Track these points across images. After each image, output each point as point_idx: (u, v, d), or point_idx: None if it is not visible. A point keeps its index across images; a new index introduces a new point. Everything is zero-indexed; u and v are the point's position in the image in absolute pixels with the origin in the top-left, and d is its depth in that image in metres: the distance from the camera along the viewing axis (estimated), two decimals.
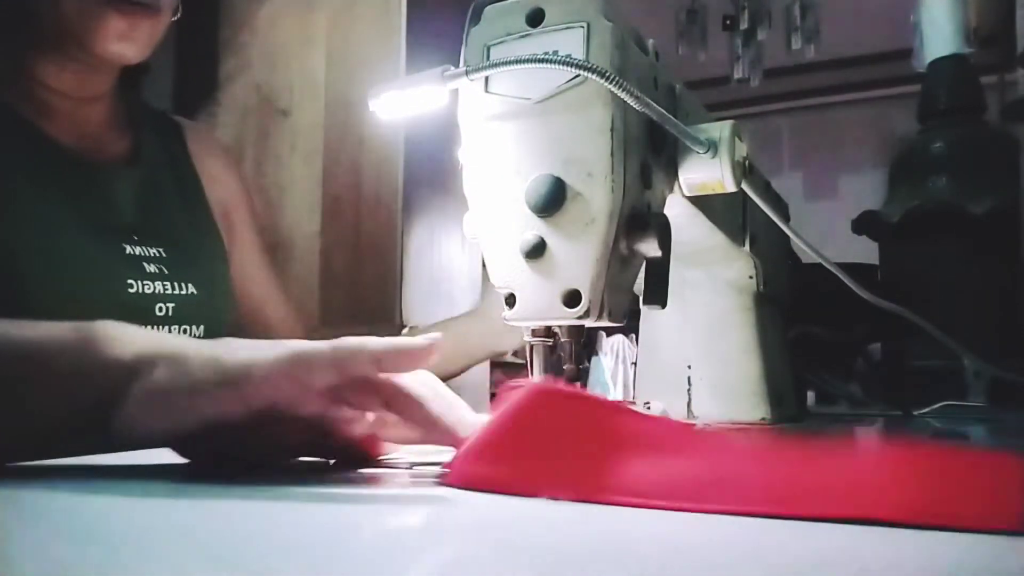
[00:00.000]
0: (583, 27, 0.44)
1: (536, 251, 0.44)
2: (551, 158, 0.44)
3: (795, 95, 3.63)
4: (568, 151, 0.44)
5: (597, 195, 0.43)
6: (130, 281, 0.69)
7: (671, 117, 0.44)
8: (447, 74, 0.45)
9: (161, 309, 0.71)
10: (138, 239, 0.72)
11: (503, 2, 0.46)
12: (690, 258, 0.63)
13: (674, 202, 0.50)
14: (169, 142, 0.84)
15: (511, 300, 0.45)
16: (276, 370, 0.36)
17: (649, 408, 0.65)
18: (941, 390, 0.93)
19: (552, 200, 0.43)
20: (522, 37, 0.45)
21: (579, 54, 0.43)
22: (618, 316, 0.45)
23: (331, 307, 1.16)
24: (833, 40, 2.78)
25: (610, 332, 0.80)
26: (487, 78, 0.46)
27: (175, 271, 0.73)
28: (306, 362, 0.36)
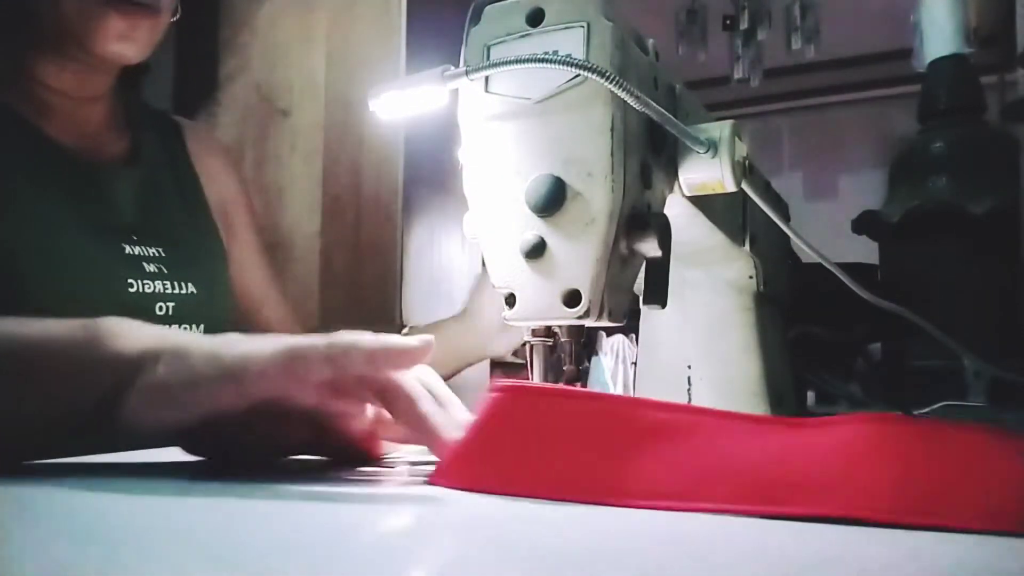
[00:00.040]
0: (583, 27, 0.44)
1: (536, 251, 0.44)
2: (551, 158, 0.44)
3: (795, 95, 3.63)
4: (568, 151, 0.44)
5: (597, 195, 0.43)
6: (130, 281, 0.69)
7: (671, 117, 0.44)
8: (447, 74, 0.45)
9: (161, 308, 0.71)
10: (138, 239, 0.72)
11: (503, 2, 0.46)
12: (690, 258, 0.63)
13: (674, 202, 0.50)
14: (168, 142, 0.84)
15: (511, 300, 0.45)
16: (272, 364, 0.37)
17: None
18: (941, 390, 0.93)
19: (552, 200, 0.43)
20: (522, 37, 0.45)
21: (579, 54, 0.43)
22: (618, 316, 0.45)
23: (331, 307, 1.15)
24: (833, 40, 2.78)
25: (610, 332, 0.80)
26: (487, 78, 0.46)
27: (175, 271, 0.73)
28: (301, 357, 0.37)
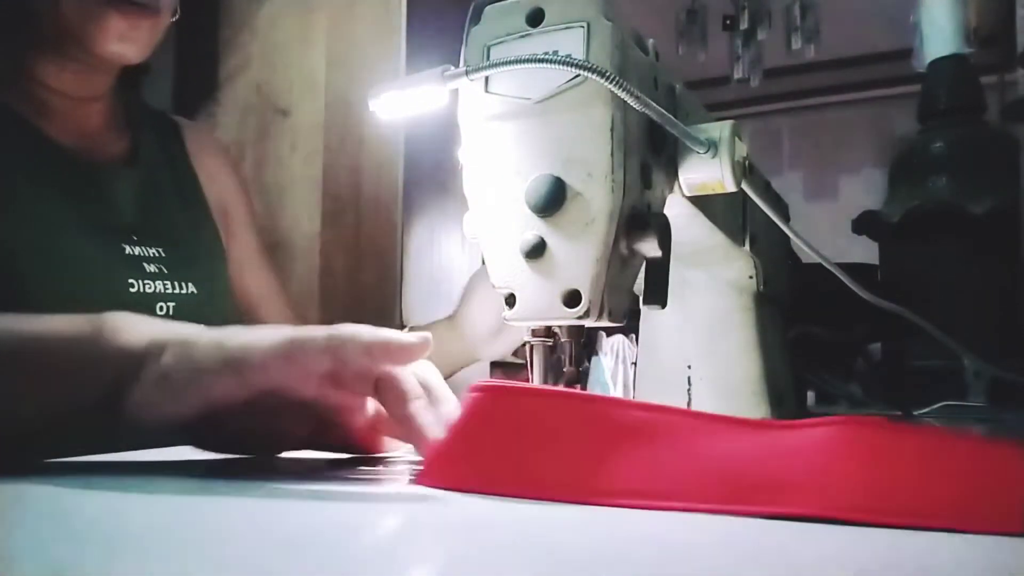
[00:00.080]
0: (583, 27, 0.44)
1: (536, 251, 0.44)
2: (551, 158, 0.44)
3: (795, 95, 3.63)
4: (568, 151, 0.44)
5: (597, 195, 0.43)
6: (131, 281, 0.69)
7: (671, 117, 0.44)
8: (447, 74, 0.45)
9: (162, 308, 0.71)
10: (138, 239, 0.73)
11: (503, 2, 0.46)
12: (690, 258, 0.63)
13: (674, 202, 0.50)
14: (168, 142, 0.84)
15: (511, 300, 0.45)
16: (273, 353, 0.38)
17: None
18: (941, 390, 0.93)
19: (552, 200, 0.43)
20: (522, 37, 0.45)
21: (579, 54, 0.43)
22: (618, 316, 0.45)
23: (331, 307, 1.15)
24: (833, 40, 2.78)
25: (610, 332, 0.80)
26: (487, 78, 0.46)
27: (175, 271, 0.73)
28: (301, 347, 0.38)
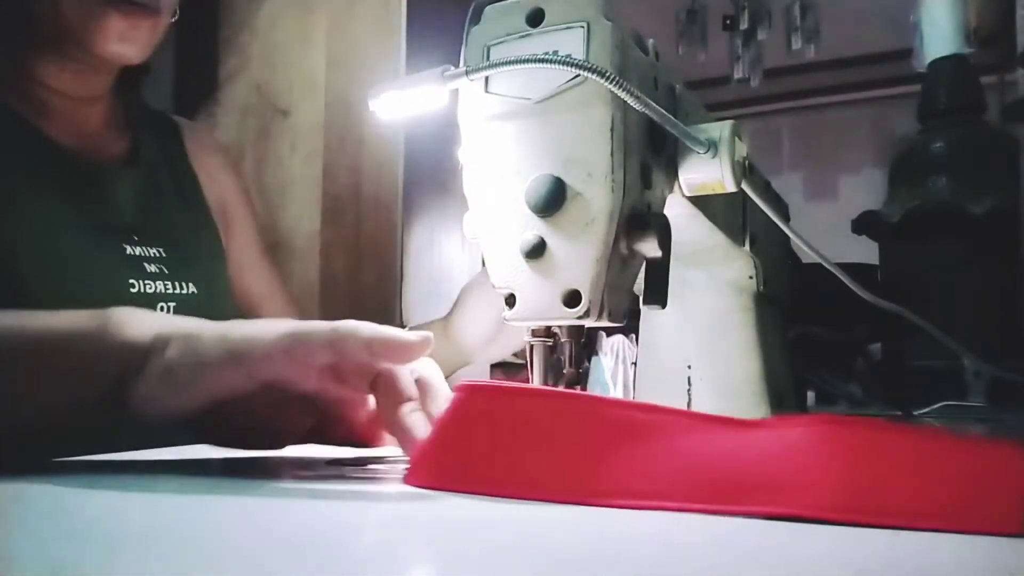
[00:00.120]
0: (583, 27, 0.44)
1: (536, 251, 0.44)
2: (551, 158, 0.44)
3: (795, 95, 3.63)
4: (568, 151, 0.44)
5: (597, 195, 0.43)
6: (131, 281, 0.69)
7: (671, 117, 0.44)
8: (447, 74, 0.45)
9: (162, 308, 0.71)
10: (138, 239, 0.73)
11: (503, 2, 0.46)
12: (690, 258, 0.63)
13: (674, 202, 0.50)
14: (167, 142, 0.84)
15: (511, 300, 0.45)
16: (276, 346, 0.38)
17: None
18: (941, 390, 0.93)
19: (552, 200, 0.43)
20: (522, 37, 0.45)
21: (579, 54, 0.43)
22: (618, 316, 0.45)
23: (331, 307, 1.15)
24: (833, 40, 2.78)
25: (610, 332, 0.80)
26: (487, 78, 0.46)
27: (175, 271, 0.73)
28: (304, 340, 0.39)
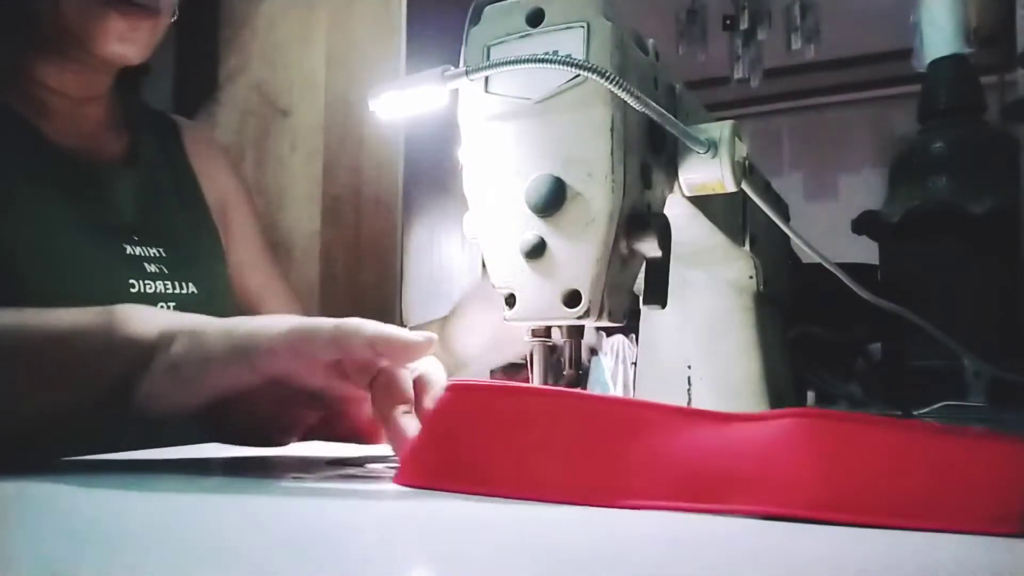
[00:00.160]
0: (583, 27, 0.44)
1: (536, 251, 0.44)
2: (551, 158, 0.44)
3: (795, 95, 3.63)
4: (568, 151, 0.44)
5: (597, 195, 0.43)
6: (131, 281, 0.69)
7: (671, 117, 0.44)
8: (447, 74, 0.45)
9: (162, 308, 0.71)
10: (138, 239, 0.72)
11: (503, 2, 0.46)
12: (690, 258, 0.63)
13: (674, 202, 0.50)
14: (167, 142, 0.83)
15: (511, 300, 0.45)
16: (281, 342, 0.39)
17: None
18: (941, 390, 0.93)
19: (552, 200, 0.43)
20: (522, 37, 0.45)
21: (579, 54, 0.43)
22: (618, 316, 0.45)
23: (331, 307, 1.15)
24: (833, 40, 2.77)
25: (610, 332, 0.80)
26: (487, 78, 0.46)
27: (175, 271, 0.73)
28: (308, 337, 0.39)
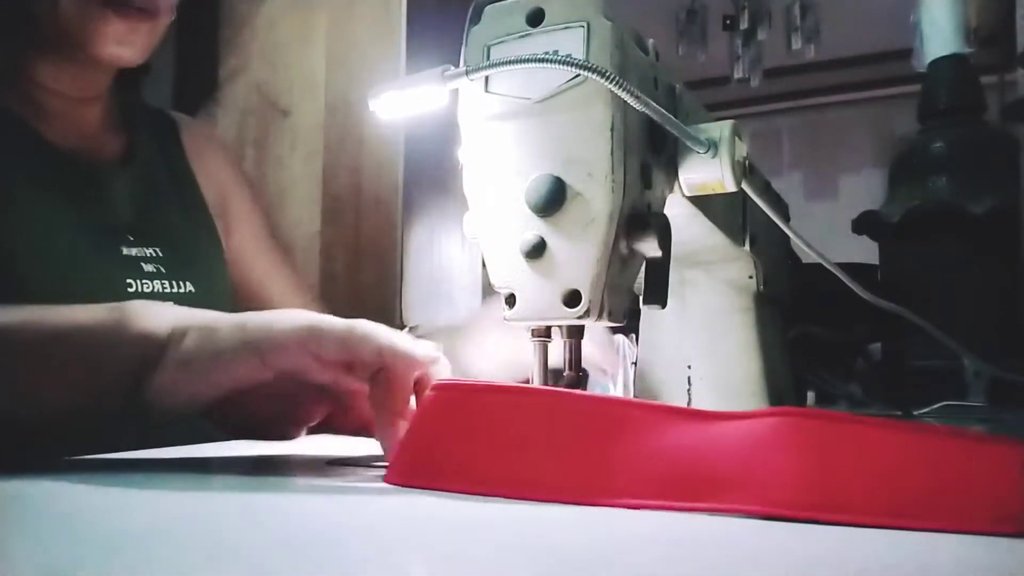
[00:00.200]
0: (583, 27, 0.44)
1: (536, 251, 0.44)
2: (551, 158, 0.44)
3: (795, 95, 3.63)
4: (568, 151, 0.44)
5: (597, 195, 0.43)
6: (129, 281, 0.69)
7: (671, 117, 0.44)
8: (447, 74, 0.45)
9: None
10: (135, 239, 0.72)
11: (503, 2, 0.46)
12: (690, 258, 0.63)
13: (674, 202, 0.50)
14: (164, 140, 0.83)
15: (511, 300, 0.45)
16: (292, 337, 0.39)
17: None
18: (941, 390, 0.93)
19: (552, 200, 0.43)
20: (522, 37, 0.45)
21: (579, 54, 0.43)
22: (618, 316, 0.45)
23: (331, 307, 1.15)
24: (833, 40, 2.78)
25: (610, 332, 0.80)
26: (487, 78, 0.46)
27: (173, 270, 0.73)
28: (318, 336, 0.40)
